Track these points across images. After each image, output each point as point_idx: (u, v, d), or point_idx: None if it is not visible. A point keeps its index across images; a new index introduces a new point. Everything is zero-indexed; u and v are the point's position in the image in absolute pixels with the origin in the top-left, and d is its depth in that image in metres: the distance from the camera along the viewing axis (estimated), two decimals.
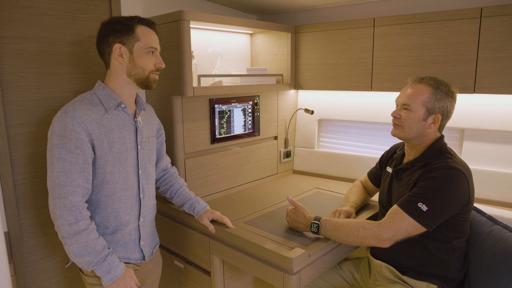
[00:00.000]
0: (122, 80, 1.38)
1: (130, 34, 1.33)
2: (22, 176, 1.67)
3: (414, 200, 1.36)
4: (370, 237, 1.38)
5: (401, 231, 1.36)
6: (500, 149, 1.83)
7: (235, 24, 1.95)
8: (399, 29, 1.89)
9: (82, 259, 1.27)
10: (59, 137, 1.25)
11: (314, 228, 1.49)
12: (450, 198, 1.35)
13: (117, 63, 1.36)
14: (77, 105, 1.30)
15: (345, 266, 1.71)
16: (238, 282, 1.80)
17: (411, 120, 1.46)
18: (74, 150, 1.25)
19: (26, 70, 1.63)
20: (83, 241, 1.26)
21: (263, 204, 1.93)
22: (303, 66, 2.29)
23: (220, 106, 2.02)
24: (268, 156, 2.36)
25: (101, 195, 1.36)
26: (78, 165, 1.26)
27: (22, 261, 1.68)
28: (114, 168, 1.36)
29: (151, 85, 1.41)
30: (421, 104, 1.45)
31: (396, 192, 1.54)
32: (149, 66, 1.38)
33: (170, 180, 1.70)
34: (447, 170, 1.37)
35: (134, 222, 1.46)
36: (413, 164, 1.50)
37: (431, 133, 1.49)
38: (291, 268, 1.34)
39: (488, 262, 1.42)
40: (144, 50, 1.36)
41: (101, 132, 1.32)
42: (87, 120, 1.28)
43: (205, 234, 1.69)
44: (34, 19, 1.62)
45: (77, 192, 1.26)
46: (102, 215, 1.38)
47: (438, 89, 1.45)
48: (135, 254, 1.48)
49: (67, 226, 1.25)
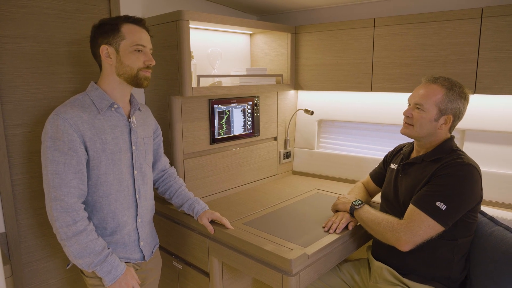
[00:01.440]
0: (113, 80, 1.38)
1: (115, 34, 1.33)
2: (20, 177, 1.66)
3: (432, 200, 1.35)
4: (390, 232, 1.39)
5: (420, 232, 1.34)
6: (501, 150, 1.82)
7: (235, 24, 1.95)
8: (399, 29, 1.88)
9: (82, 260, 1.27)
10: (51, 139, 1.25)
11: (357, 202, 1.58)
12: (467, 194, 1.35)
13: (107, 64, 1.36)
14: (69, 106, 1.30)
15: (344, 267, 1.70)
16: (237, 284, 1.79)
17: (423, 120, 1.46)
18: (68, 152, 1.25)
19: (24, 69, 1.62)
20: (82, 242, 1.26)
21: (262, 205, 1.92)
22: (303, 67, 2.28)
23: (219, 107, 2.01)
24: (267, 156, 2.35)
25: (97, 197, 1.36)
26: (72, 167, 1.26)
27: (20, 262, 1.67)
28: (108, 169, 1.35)
29: (141, 82, 1.39)
30: (434, 105, 1.44)
31: (404, 187, 1.52)
32: (136, 64, 1.36)
33: (169, 180, 1.70)
34: (463, 166, 1.37)
35: (132, 223, 1.45)
36: (423, 159, 1.49)
37: (442, 133, 1.48)
38: (290, 270, 1.33)
39: (489, 263, 1.41)
40: (130, 48, 1.35)
41: (94, 133, 1.31)
42: (79, 122, 1.28)
43: (204, 235, 1.68)
44: (32, 18, 1.62)
45: (72, 193, 1.26)
46: (99, 216, 1.38)
47: (452, 90, 1.44)
48: (135, 254, 1.48)
49: (65, 228, 1.25)
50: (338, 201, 1.69)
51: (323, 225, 1.62)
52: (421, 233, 1.34)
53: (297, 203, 1.94)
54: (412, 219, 1.36)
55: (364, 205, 1.56)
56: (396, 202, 1.55)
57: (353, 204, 1.58)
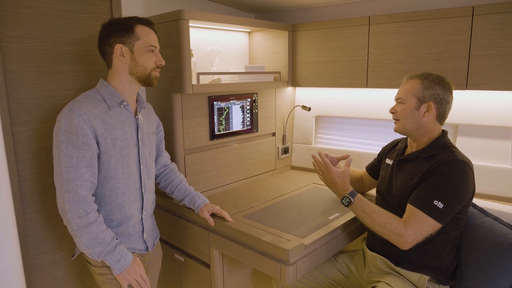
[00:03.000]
0: (124, 78, 1.43)
1: (130, 34, 1.39)
2: (26, 172, 1.71)
3: (430, 199, 1.39)
4: (395, 234, 1.40)
5: (422, 233, 1.38)
6: (492, 144, 1.87)
7: (234, 23, 1.99)
8: (393, 27, 1.93)
9: (92, 250, 1.33)
10: (66, 133, 1.30)
11: (345, 201, 1.53)
12: (462, 191, 1.40)
13: (119, 62, 1.41)
14: (82, 102, 1.35)
15: (340, 258, 1.75)
16: (237, 274, 1.85)
17: (405, 112, 1.52)
18: (81, 146, 1.30)
19: (30, 68, 1.67)
20: (93, 232, 1.32)
21: (261, 198, 1.97)
22: (300, 64, 2.33)
23: (219, 103, 2.06)
24: (266, 152, 2.40)
25: (106, 190, 1.41)
26: (85, 160, 1.31)
27: (27, 255, 1.72)
28: (118, 164, 1.41)
29: (152, 82, 1.47)
30: (411, 95, 1.51)
31: (399, 182, 1.57)
32: (150, 64, 1.43)
33: (170, 175, 1.75)
34: (457, 163, 1.41)
35: (138, 215, 1.51)
36: (418, 155, 1.53)
37: (430, 123, 1.51)
38: (288, 259, 1.39)
39: (478, 253, 1.46)
40: (144, 49, 1.41)
41: (105, 129, 1.37)
42: (92, 117, 1.33)
43: (205, 228, 1.73)
44: (37, 18, 1.66)
45: (85, 186, 1.32)
46: (107, 208, 1.43)
47: (426, 79, 1.51)
48: (139, 245, 1.54)
49: (77, 219, 1.30)
50: (331, 184, 1.64)
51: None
52: (423, 233, 1.39)
53: (295, 196, 2.00)
54: (414, 219, 1.39)
55: (355, 200, 1.52)
56: (390, 197, 1.60)
57: (348, 197, 1.53)
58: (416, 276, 1.47)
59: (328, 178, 1.64)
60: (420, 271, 1.47)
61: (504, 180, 1.83)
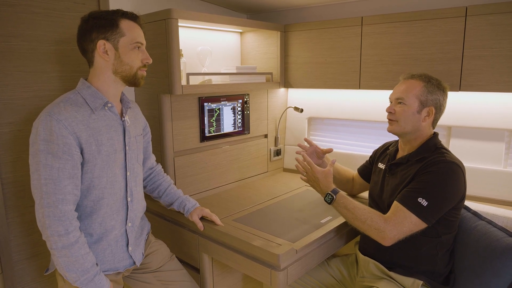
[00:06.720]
0: (108, 78, 1.32)
1: (114, 29, 1.27)
2: (10, 175, 1.66)
3: (414, 196, 1.38)
4: (375, 229, 1.39)
5: (403, 229, 1.37)
6: (485, 146, 1.85)
7: (225, 22, 1.96)
8: (386, 28, 1.91)
9: (69, 274, 1.21)
10: (44, 142, 1.17)
11: (328, 198, 1.53)
12: (449, 192, 1.38)
13: (102, 61, 1.29)
14: (62, 106, 1.22)
15: (332, 262, 1.73)
16: (227, 279, 1.81)
17: (406, 114, 1.49)
18: (62, 156, 1.18)
19: (13, 68, 1.62)
20: (72, 255, 1.20)
21: (252, 202, 1.94)
22: (293, 65, 2.30)
23: (209, 105, 2.03)
24: (258, 154, 2.37)
25: (88, 201, 1.30)
26: (66, 171, 1.19)
27: (10, 260, 1.67)
28: (102, 172, 1.30)
29: (139, 82, 1.36)
30: (414, 97, 1.48)
31: (390, 186, 1.55)
32: (136, 63, 1.32)
33: (158, 179, 1.69)
34: (446, 164, 1.40)
35: (120, 228, 1.40)
36: (408, 159, 1.52)
37: (426, 127, 1.51)
38: (278, 265, 1.36)
39: (472, 257, 1.44)
40: (130, 46, 1.30)
41: (89, 135, 1.25)
42: (73, 123, 1.21)
43: (194, 232, 1.70)
44: (21, 17, 1.62)
45: (67, 200, 1.20)
46: (86, 222, 1.32)
47: (430, 82, 1.49)
48: (124, 261, 1.43)
49: (56, 237, 1.18)
50: (313, 183, 1.64)
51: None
52: (405, 230, 1.37)
53: (287, 199, 1.97)
54: (396, 215, 1.39)
55: (337, 197, 1.51)
56: (381, 202, 1.58)
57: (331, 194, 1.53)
58: (410, 281, 1.45)
59: (312, 177, 1.63)
60: (413, 276, 1.45)
61: (497, 182, 1.81)
